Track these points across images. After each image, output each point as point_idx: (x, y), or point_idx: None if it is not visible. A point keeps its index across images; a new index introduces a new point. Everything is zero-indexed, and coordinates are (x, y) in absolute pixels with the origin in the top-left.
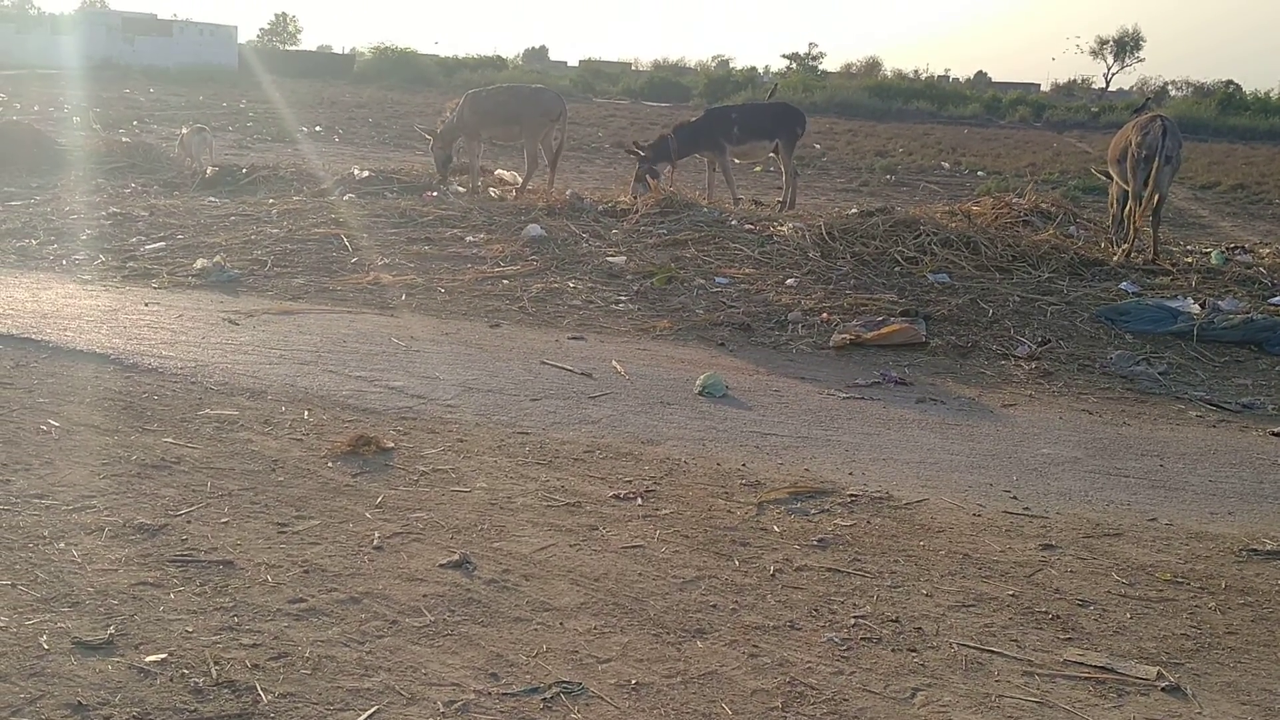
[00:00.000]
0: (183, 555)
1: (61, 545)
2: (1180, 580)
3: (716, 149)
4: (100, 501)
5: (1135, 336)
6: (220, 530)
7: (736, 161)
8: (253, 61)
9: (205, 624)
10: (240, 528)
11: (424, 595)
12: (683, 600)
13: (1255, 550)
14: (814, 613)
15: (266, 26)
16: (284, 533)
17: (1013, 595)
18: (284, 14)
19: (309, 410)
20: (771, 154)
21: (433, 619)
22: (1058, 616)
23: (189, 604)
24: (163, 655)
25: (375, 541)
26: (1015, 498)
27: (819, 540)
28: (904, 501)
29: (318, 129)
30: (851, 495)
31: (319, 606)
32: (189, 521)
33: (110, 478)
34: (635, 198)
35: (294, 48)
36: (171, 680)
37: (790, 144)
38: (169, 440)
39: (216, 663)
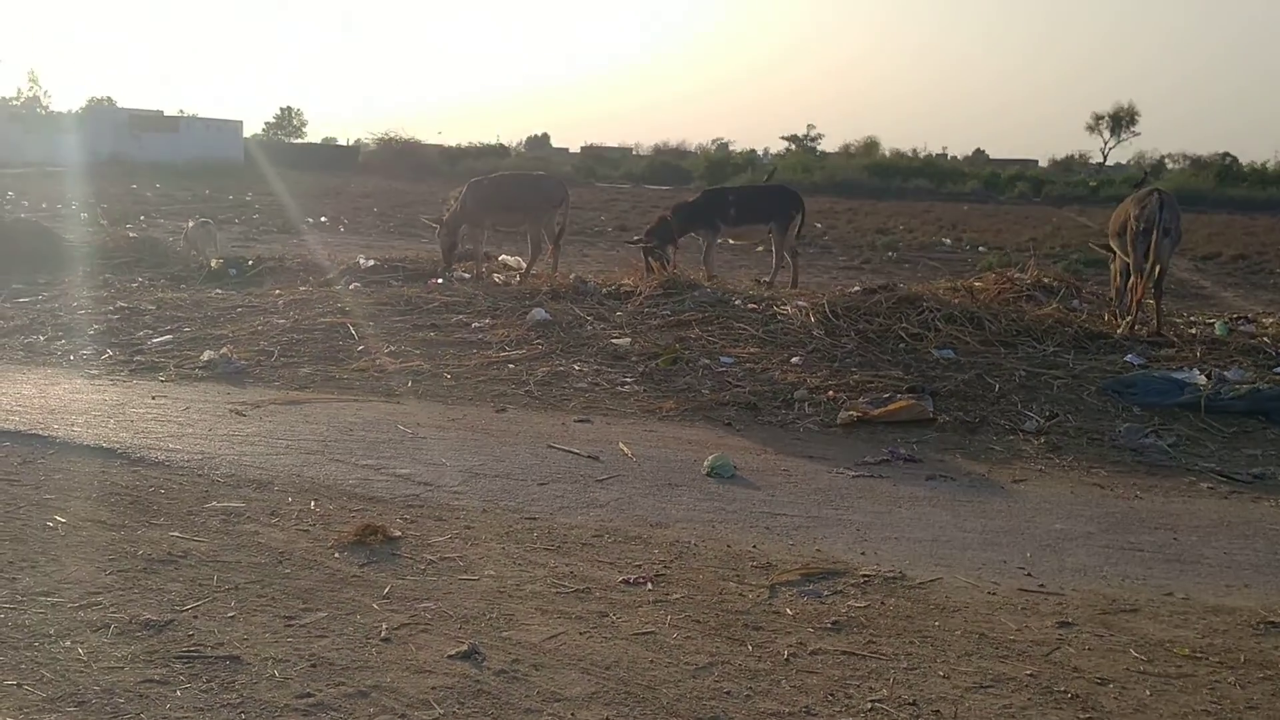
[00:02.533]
0: (189, 651)
1: (67, 643)
2: (1199, 655)
3: (710, 229)
4: (106, 598)
5: (1143, 409)
6: (227, 625)
7: (730, 241)
8: (259, 155)
9: None
10: (247, 621)
11: (433, 687)
12: (696, 688)
13: (1273, 623)
14: (830, 698)
15: (272, 120)
16: (291, 626)
17: (1031, 675)
18: (289, 108)
19: (315, 500)
20: (768, 235)
21: (442, 712)
22: (1077, 695)
23: (195, 701)
24: None
25: (383, 633)
26: (1030, 575)
27: (833, 623)
28: (918, 581)
29: (323, 219)
30: (864, 575)
31: (327, 701)
32: (195, 616)
33: (116, 573)
34: (648, 284)
35: (299, 140)
36: None
37: (784, 227)
38: (175, 534)
39: None
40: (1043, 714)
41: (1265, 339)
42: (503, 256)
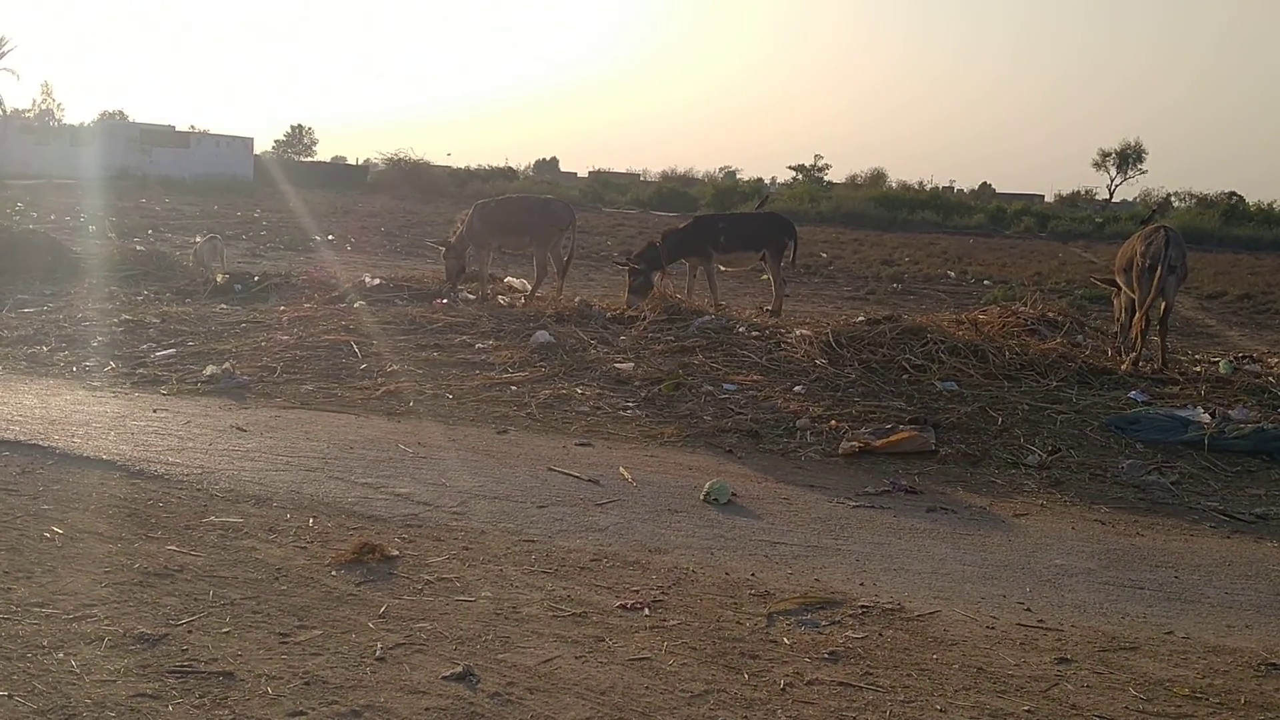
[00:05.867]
0: (182, 666)
1: (60, 655)
2: (1199, 695)
3: (703, 256)
4: (101, 610)
5: (1146, 445)
6: (221, 640)
7: (722, 269)
8: (268, 172)
9: None
10: (241, 638)
11: (426, 709)
12: (691, 715)
13: (1275, 665)
14: None
15: (283, 138)
16: (285, 643)
17: (1029, 711)
18: (300, 126)
19: (314, 517)
20: (761, 262)
21: None
22: None
23: (187, 716)
24: None
25: (377, 652)
26: (1029, 609)
27: (830, 653)
28: (916, 613)
29: (330, 238)
30: (863, 606)
31: None
32: (190, 631)
33: (112, 586)
34: (631, 309)
35: (309, 159)
36: None
37: (777, 254)
38: (172, 548)
39: None
40: None
41: (1270, 378)
42: (508, 279)
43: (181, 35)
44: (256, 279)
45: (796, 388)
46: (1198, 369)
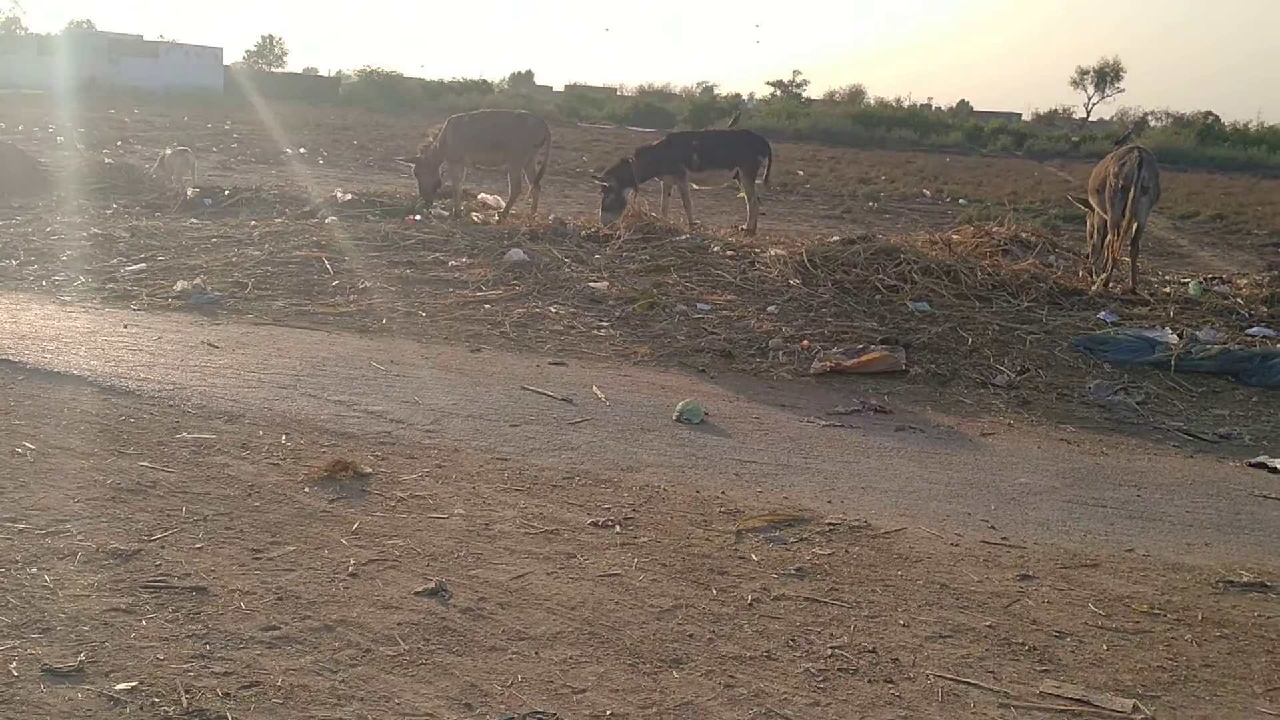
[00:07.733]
0: (156, 581)
1: (33, 570)
2: (1157, 612)
3: (676, 174)
4: (74, 526)
5: (1114, 366)
6: (194, 556)
7: (696, 187)
8: (239, 83)
9: (177, 651)
10: (215, 553)
11: (398, 623)
12: (659, 630)
13: (1232, 582)
14: (791, 643)
15: (253, 49)
16: (259, 559)
17: (990, 626)
18: (270, 36)
19: (287, 434)
20: (735, 180)
21: (407, 648)
22: (1034, 648)
23: (161, 631)
24: (133, 683)
25: (350, 568)
26: (993, 527)
27: (797, 569)
28: (882, 530)
29: (302, 151)
30: (830, 524)
31: (292, 634)
32: (163, 547)
33: (85, 501)
34: (606, 227)
35: (280, 70)
36: (142, 709)
37: (751, 172)
38: (145, 464)
39: (187, 691)
40: (1000, 665)
41: (1239, 300)
42: (482, 195)
43: None
44: (227, 193)
45: (770, 308)
46: (1168, 290)
